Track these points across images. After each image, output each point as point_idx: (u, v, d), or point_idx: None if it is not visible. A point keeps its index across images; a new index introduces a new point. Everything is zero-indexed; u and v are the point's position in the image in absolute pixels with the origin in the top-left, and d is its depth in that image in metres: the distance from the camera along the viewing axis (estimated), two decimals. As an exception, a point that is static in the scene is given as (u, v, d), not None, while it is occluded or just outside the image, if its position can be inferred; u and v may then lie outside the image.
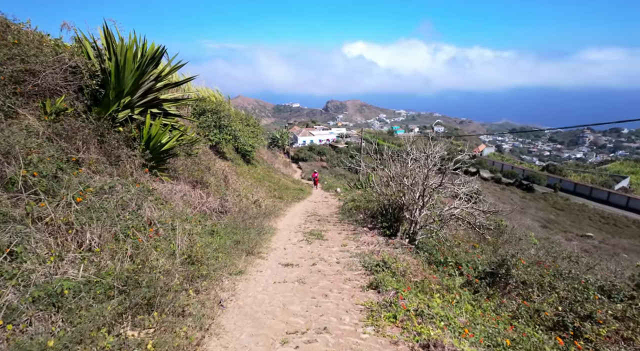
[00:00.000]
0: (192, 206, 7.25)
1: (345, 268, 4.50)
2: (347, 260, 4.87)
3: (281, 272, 4.41)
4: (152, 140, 7.39)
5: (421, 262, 5.01)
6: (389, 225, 8.11)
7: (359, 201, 10.47)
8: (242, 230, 6.26)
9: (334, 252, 5.37)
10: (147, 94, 7.70)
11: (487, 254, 6.20)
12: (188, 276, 3.26)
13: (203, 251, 4.19)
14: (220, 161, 13.10)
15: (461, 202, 6.17)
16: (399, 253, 5.19)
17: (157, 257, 3.57)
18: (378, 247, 5.49)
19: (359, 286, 3.71)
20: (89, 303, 2.36)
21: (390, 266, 4.02)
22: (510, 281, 3.86)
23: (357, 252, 5.32)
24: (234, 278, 3.93)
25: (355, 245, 5.84)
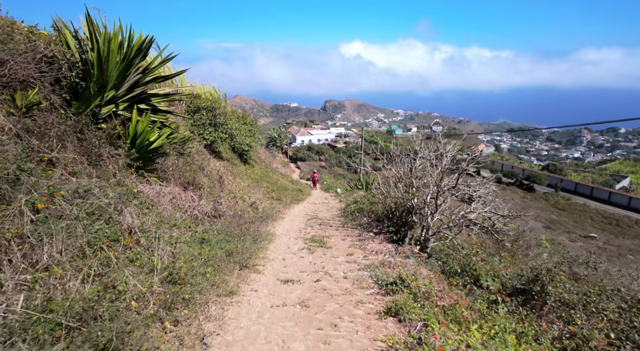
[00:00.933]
0: (182, 210, 6.64)
1: (355, 286, 3.90)
2: (356, 274, 4.27)
3: (280, 291, 3.80)
4: (138, 138, 6.76)
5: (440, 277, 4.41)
6: (396, 230, 7.53)
7: (362, 203, 9.89)
8: (237, 237, 5.65)
9: (340, 263, 4.77)
10: (134, 88, 7.07)
11: (506, 263, 5.62)
12: (166, 302, 2.66)
13: (189, 265, 3.58)
14: (215, 161, 12.48)
15: (478, 206, 5.61)
16: (411, 264, 4.60)
17: (131, 275, 2.98)
18: (388, 256, 4.91)
19: (374, 312, 3.08)
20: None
21: (410, 285, 3.41)
22: (547, 300, 3.30)
23: (366, 263, 4.73)
24: (223, 301, 3.29)
25: (363, 254, 5.25)
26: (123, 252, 3.85)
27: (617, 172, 56.48)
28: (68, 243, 3.04)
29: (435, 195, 5.55)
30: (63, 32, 6.51)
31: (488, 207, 5.53)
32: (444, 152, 5.53)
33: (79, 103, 6.25)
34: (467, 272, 5.41)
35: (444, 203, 5.68)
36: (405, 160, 7.05)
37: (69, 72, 6.16)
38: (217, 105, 14.10)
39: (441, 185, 5.37)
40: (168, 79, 7.91)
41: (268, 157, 30.82)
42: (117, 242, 4.01)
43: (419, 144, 7.19)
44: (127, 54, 6.50)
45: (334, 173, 41.68)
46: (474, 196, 6.17)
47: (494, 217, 5.55)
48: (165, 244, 4.42)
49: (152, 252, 4.05)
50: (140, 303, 2.53)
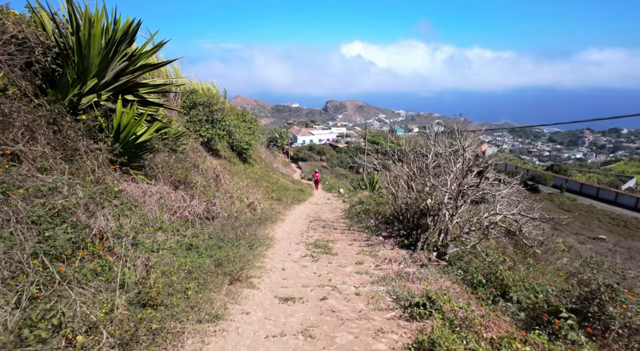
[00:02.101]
0: (170, 211, 5.98)
1: (371, 306, 3.17)
2: (370, 289, 3.57)
3: (278, 314, 3.08)
4: (123, 131, 6.09)
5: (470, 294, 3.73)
6: (407, 233, 6.85)
7: (368, 204, 9.22)
8: (230, 242, 4.98)
9: (349, 275, 4.10)
10: (120, 77, 6.41)
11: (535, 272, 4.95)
12: (126, 334, 1.99)
13: (167, 280, 2.92)
14: (212, 159, 11.82)
15: (503, 207, 4.94)
16: (432, 275, 3.94)
17: (92, 294, 2.33)
18: (404, 266, 4.25)
19: (401, 348, 2.30)
20: None
21: (442, 307, 2.72)
22: (611, 325, 2.64)
23: (379, 274, 4.05)
24: (204, 329, 2.53)
25: (374, 263, 4.58)
26: (90, 261, 3.20)
27: (622, 172, 55.66)
28: (10, 254, 2.38)
29: (456, 195, 4.88)
30: (39, 13, 5.85)
31: (516, 209, 4.86)
32: (464, 146, 4.87)
33: (54, 91, 5.58)
34: (492, 282, 4.74)
35: (464, 204, 5.02)
36: (417, 158, 6.38)
37: (42, 56, 5.52)
38: (215, 101, 13.45)
39: (463, 183, 4.70)
40: (158, 67, 7.23)
41: (269, 157, 30.15)
42: (83, 250, 3.35)
43: (433, 139, 6.52)
44: (111, 38, 5.84)
45: (335, 173, 41.01)
46: (491, 197, 5.50)
47: (522, 220, 4.88)
48: (145, 252, 3.76)
49: (126, 262, 3.40)
50: (90, 337, 1.87)
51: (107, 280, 2.84)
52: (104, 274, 2.89)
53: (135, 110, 5.98)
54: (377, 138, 66.95)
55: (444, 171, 5.89)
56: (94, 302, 2.22)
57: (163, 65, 7.33)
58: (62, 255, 2.93)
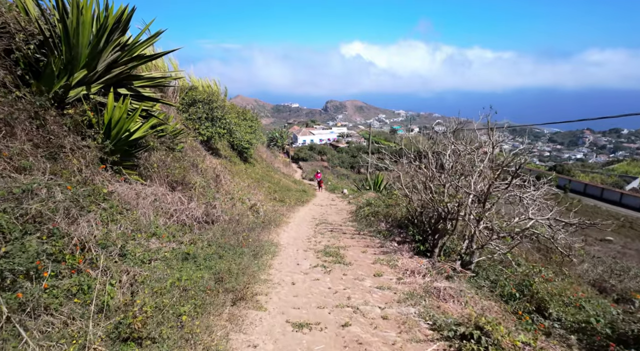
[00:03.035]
0: (166, 215, 5.46)
1: (405, 335, 2.61)
2: (398, 311, 3.00)
3: (292, 347, 2.50)
4: (114, 127, 5.57)
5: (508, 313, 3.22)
6: (423, 239, 6.34)
7: (377, 206, 8.71)
8: (232, 249, 4.46)
9: (369, 291, 3.57)
10: (112, 69, 5.89)
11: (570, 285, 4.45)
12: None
13: (157, 302, 2.40)
14: (212, 158, 11.31)
15: (537, 212, 4.44)
16: (466, 291, 3.43)
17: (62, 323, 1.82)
18: (430, 279, 3.75)
19: None
20: None
21: (500, 342, 2.18)
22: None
23: (405, 289, 3.54)
24: None
25: (395, 275, 4.07)
26: (67, 277, 2.68)
27: (625, 172, 55.17)
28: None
29: (484, 197, 4.38)
30: (23, -3, 5.34)
31: (550, 214, 4.35)
32: (495, 141, 4.35)
33: (38, 82, 5.05)
34: (525, 295, 4.23)
35: (492, 208, 4.52)
36: (435, 157, 5.86)
37: (24, 43, 5.01)
38: (215, 98, 12.93)
39: (496, 184, 4.20)
40: (154, 58, 6.68)
41: (269, 156, 29.63)
42: (60, 263, 2.83)
43: (451, 137, 6.01)
44: (102, 26, 5.33)
45: (337, 173, 40.50)
46: (517, 199, 4.99)
47: (556, 226, 4.38)
48: (134, 264, 3.25)
49: (111, 277, 2.89)
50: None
51: (85, 303, 2.33)
52: (81, 295, 2.39)
53: (128, 104, 5.46)
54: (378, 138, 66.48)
55: (466, 171, 5.38)
56: (61, 338, 1.71)
57: (159, 56, 6.78)
58: (30, 271, 2.43)
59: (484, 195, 4.39)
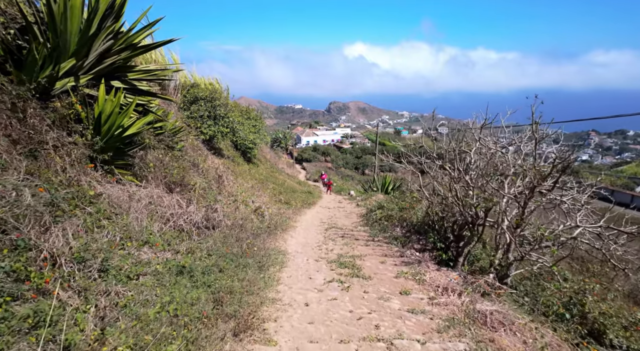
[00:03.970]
0: (162, 219, 4.91)
1: None
2: (443, 347, 2.34)
3: None
4: (106, 122, 5.04)
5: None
6: (445, 246, 5.75)
7: (390, 209, 8.14)
8: (234, 260, 3.90)
9: (400, 315, 2.96)
10: (104, 59, 5.36)
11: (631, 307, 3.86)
12: None
13: (136, 339, 1.84)
14: (214, 158, 10.78)
15: (586, 219, 3.85)
16: (511, 312, 2.85)
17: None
18: (468, 298, 3.17)
19: None
20: None
21: None
22: None
23: (442, 313, 2.95)
24: None
25: (426, 293, 3.48)
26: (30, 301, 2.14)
27: (634, 174, 54.14)
28: None
29: (524, 200, 3.79)
30: (3, -22, 4.83)
31: (602, 221, 3.76)
32: (538, 137, 3.76)
33: (19, 72, 4.52)
34: (575, 315, 3.63)
35: (533, 213, 3.94)
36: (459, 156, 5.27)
37: (3, 27, 4.51)
38: (218, 96, 12.41)
39: (542, 185, 3.61)
40: (151, 49, 6.12)
41: (273, 157, 29.13)
42: (24, 283, 2.29)
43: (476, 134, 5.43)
44: (94, 10, 4.80)
45: (341, 174, 39.91)
46: (559, 204, 4.39)
47: (608, 234, 3.78)
48: (117, 281, 2.71)
49: (85, 300, 2.34)
50: None
51: (44, 340, 1.78)
52: (39, 329, 1.84)
53: (121, 97, 4.92)
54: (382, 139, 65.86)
55: (498, 171, 4.80)
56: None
57: (157, 46, 6.22)
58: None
59: (525, 198, 3.81)
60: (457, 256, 5.56)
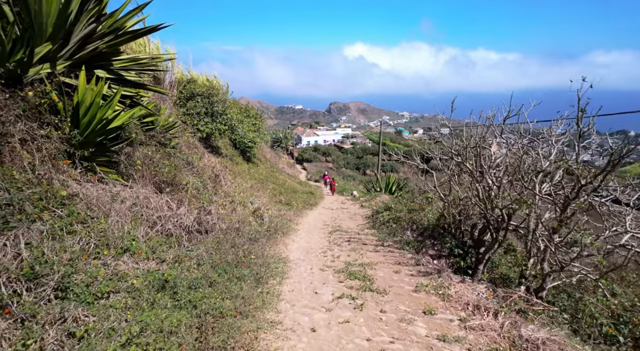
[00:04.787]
0: (148, 223, 4.37)
1: None
2: None
3: None
4: (86, 114, 4.49)
5: None
6: (463, 252, 5.20)
7: (398, 210, 7.59)
8: (228, 271, 3.36)
9: (429, 345, 2.40)
10: (86, 44, 4.82)
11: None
12: None
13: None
14: (211, 157, 10.24)
15: (635, 223, 3.32)
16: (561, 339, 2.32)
17: None
18: (506, 318, 2.64)
19: None
20: None
21: None
22: None
23: (479, 341, 2.41)
24: None
25: (454, 313, 2.94)
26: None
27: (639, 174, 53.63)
28: None
29: (566, 202, 3.26)
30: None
31: (656, 225, 3.24)
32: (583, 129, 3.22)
33: (-16, 55, 4.00)
34: (627, 336, 3.08)
35: (574, 217, 3.40)
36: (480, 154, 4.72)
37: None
38: (216, 92, 11.88)
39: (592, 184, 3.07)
40: (139, 35, 5.54)
41: (274, 157, 28.58)
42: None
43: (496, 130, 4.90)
44: (74, -12, 4.28)
45: (342, 174, 39.34)
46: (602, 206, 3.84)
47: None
48: (79, 303, 2.17)
49: (28, 332, 1.81)
50: None
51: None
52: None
53: (104, 87, 4.37)
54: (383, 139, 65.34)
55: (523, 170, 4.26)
56: None
57: (147, 32, 5.62)
58: None
59: (567, 199, 3.27)
60: (476, 263, 5.02)
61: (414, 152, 5.85)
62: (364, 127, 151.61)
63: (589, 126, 3.40)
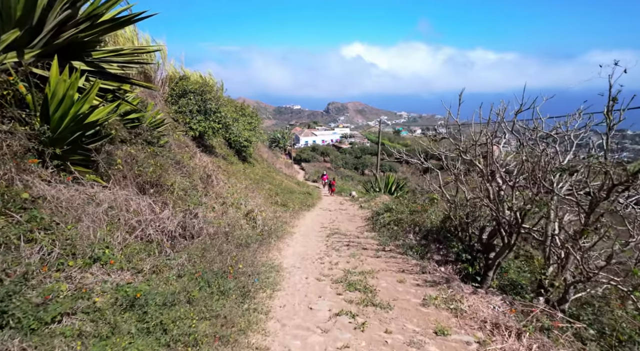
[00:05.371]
0: (126, 228, 3.96)
1: None
2: None
3: None
4: (59, 108, 4.08)
5: None
6: (472, 258, 4.82)
7: (399, 211, 7.21)
8: (212, 284, 2.97)
9: None
10: (61, 33, 4.42)
11: None
12: None
13: None
14: (203, 156, 9.82)
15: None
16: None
17: None
18: (532, 340, 2.26)
19: None
20: None
21: None
22: None
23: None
24: None
25: (470, 333, 2.55)
26: None
27: (637, 174, 53.47)
28: None
29: (595, 203, 2.88)
30: None
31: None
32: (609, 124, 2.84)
33: (-61, 41, 3.60)
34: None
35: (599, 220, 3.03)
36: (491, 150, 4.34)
37: None
38: (209, 89, 11.46)
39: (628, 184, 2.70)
40: (120, 25, 5.10)
41: (271, 157, 28.15)
42: None
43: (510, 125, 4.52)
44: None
45: (340, 174, 38.95)
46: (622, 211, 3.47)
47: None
48: (16, 332, 1.77)
49: None
50: None
51: None
52: None
53: (78, 78, 3.95)
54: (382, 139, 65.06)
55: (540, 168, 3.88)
56: None
57: (130, 21, 5.13)
58: None
59: (594, 200, 2.89)
60: (485, 269, 4.63)
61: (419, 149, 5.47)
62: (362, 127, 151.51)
63: (619, 119, 3.02)
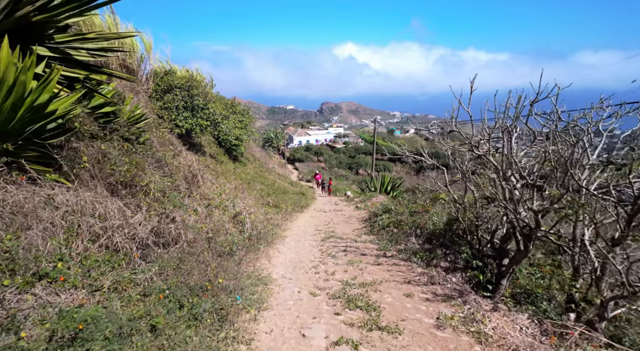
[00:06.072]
0: (89, 235, 3.40)
1: None
2: None
3: None
4: (9, 96, 3.48)
5: None
6: (482, 265, 4.35)
7: (399, 212, 6.73)
8: (183, 303, 2.44)
9: None
10: (16, 11, 3.82)
11: None
12: None
13: None
14: (190, 155, 9.23)
15: None
16: None
17: None
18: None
19: None
20: None
21: None
22: None
23: None
24: None
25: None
26: None
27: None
28: None
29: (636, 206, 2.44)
30: None
31: None
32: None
33: None
34: None
35: None
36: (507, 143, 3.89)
37: None
38: (197, 85, 10.86)
39: None
40: (88, 6, 4.48)
41: (264, 156, 27.53)
42: None
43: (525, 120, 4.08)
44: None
45: (335, 174, 38.47)
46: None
47: None
48: None
49: None
50: None
51: None
52: None
53: (33, 61, 3.35)
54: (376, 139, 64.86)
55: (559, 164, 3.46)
56: None
57: (106, 1, 4.50)
58: None
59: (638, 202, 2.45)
60: (498, 277, 4.17)
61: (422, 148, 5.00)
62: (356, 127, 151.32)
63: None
